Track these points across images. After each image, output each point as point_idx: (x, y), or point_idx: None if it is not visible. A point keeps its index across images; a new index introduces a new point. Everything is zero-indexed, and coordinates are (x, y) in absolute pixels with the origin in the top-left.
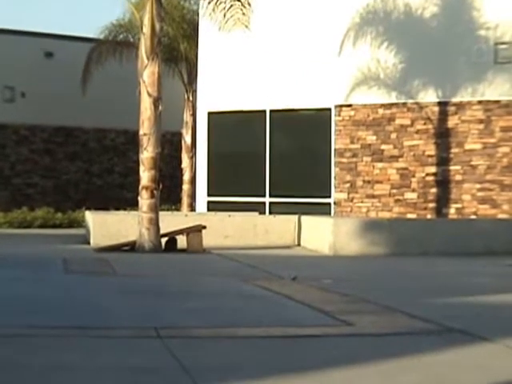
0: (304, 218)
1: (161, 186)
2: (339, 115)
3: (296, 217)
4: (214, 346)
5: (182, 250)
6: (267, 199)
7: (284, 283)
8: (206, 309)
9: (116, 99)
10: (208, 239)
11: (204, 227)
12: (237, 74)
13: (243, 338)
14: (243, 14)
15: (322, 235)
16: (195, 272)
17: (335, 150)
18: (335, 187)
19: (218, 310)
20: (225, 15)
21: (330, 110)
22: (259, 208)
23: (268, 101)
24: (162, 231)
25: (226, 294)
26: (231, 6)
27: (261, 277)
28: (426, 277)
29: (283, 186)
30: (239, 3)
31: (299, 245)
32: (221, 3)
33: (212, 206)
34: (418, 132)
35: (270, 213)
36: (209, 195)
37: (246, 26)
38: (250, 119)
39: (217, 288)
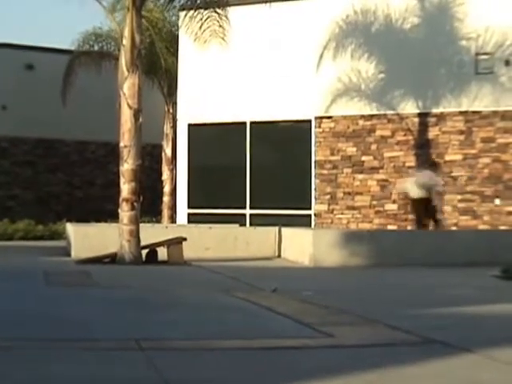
0: (284, 229)
1: (141, 198)
2: (319, 127)
3: (276, 228)
4: (194, 359)
5: (163, 262)
6: (248, 211)
7: (264, 295)
8: (187, 321)
9: (96, 111)
10: (188, 251)
11: (185, 239)
12: (217, 85)
13: (224, 350)
14: (220, 25)
15: (303, 247)
16: (176, 284)
17: (316, 161)
18: (316, 199)
19: (200, 322)
20: (201, 26)
21: (310, 121)
22: (240, 220)
23: (248, 113)
24: (143, 243)
25: (207, 306)
26: (208, 17)
27: (241, 288)
28: (407, 288)
29: (264, 197)
30: (216, 15)
31: (280, 256)
32: (198, 14)
33: (193, 218)
34: (398, 143)
35: (251, 224)
36: (189, 207)
37: (223, 38)
38: (230, 131)
39: (198, 300)
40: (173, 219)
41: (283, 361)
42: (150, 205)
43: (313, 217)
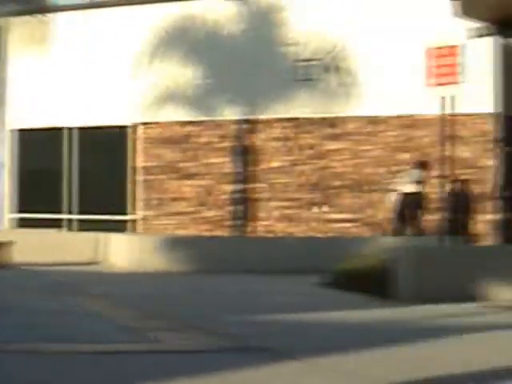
0: (105, 235)
1: None
2: (138, 133)
3: (97, 234)
4: (19, 361)
5: None
6: (72, 216)
7: (88, 299)
8: (11, 324)
9: None
10: (14, 255)
11: (10, 243)
12: (42, 91)
13: (53, 354)
14: (41, 31)
15: (125, 252)
16: (3, 287)
17: (134, 167)
18: (136, 205)
19: (23, 325)
20: (25, 32)
21: (128, 127)
22: (64, 225)
23: (70, 118)
24: None
25: (29, 309)
26: (31, 23)
27: (63, 292)
28: (231, 295)
29: (84, 203)
30: (39, 21)
31: (102, 261)
32: (22, 20)
33: (18, 223)
34: (219, 149)
35: (78, 229)
36: (16, 212)
37: (43, 43)
38: (52, 137)
39: (20, 303)
40: None
41: (113, 365)
42: None
43: (133, 222)
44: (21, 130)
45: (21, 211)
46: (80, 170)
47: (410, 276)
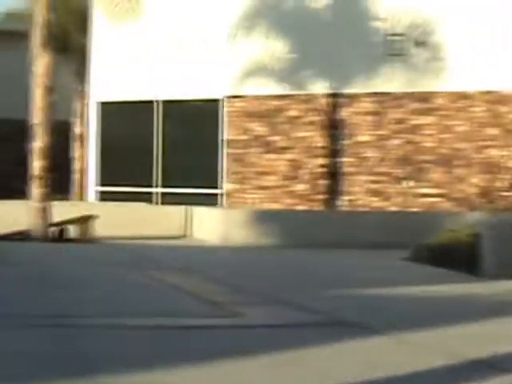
0: (194, 208)
1: (52, 176)
2: (230, 106)
3: (186, 207)
4: (101, 336)
5: (73, 240)
6: (158, 189)
7: (173, 273)
8: (94, 298)
9: (8, 89)
10: (98, 229)
11: (95, 217)
12: (129, 63)
13: (132, 328)
14: (133, 3)
15: (212, 226)
16: (84, 261)
17: (225, 140)
18: (225, 178)
19: (107, 299)
20: (115, 5)
21: (220, 100)
22: (149, 198)
23: (159, 91)
24: (53, 221)
25: (114, 283)
26: None
27: (150, 267)
28: (316, 269)
29: (173, 176)
30: None
31: (190, 235)
32: None
33: (103, 196)
34: (308, 123)
35: (162, 203)
36: (99, 185)
37: (136, 16)
38: (140, 109)
39: (106, 278)
40: (83, 197)
41: (191, 340)
42: (60, 182)
43: (222, 196)
44: (105, 103)
45: (104, 184)
46: (168, 143)
47: (497, 251)
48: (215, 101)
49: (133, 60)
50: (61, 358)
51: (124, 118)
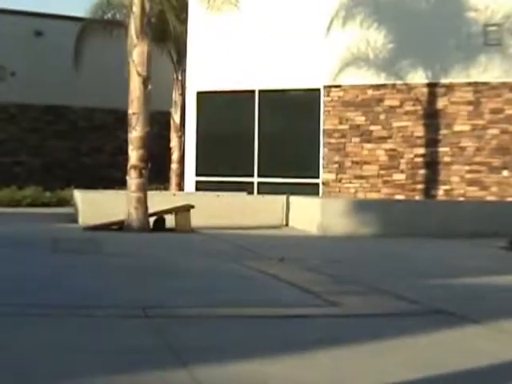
0: (292, 198)
1: (149, 166)
2: (328, 96)
3: (284, 197)
4: (200, 326)
5: (170, 230)
6: (256, 179)
7: (271, 263)
8: (193, 288)
9: (105, 78)
10: (196, 219)
11: (192, 207)
12: (226, 53)
13: (230, 318)
14: None
15: (311, 215)
16: (183, 252)
17: (324, 130)
18: (324, 168)
19: (206, 289)
20: None
21: (319, 90)
22: (248, 188)
23: (257, 81)
24: (151, 210)
25: (213, 273)
26: None
27: (248, 257)
28: (414, 258)
29: (272, 166)
30: None
31: (287, 225)
32: None
33: (200, 186)
34: (406, 113)
35: (259, 193)
36: (197, 175)
37: (235, 5)
38: (238, 99)
39: (204, 268)
40: (181, 187)
41: (289, 329)
42: (157, 172)
43: (321, 186)
44: (203, 93)
45: (201, 174)
46: (267, 133)
47: None
48: (316, 90)
49: (230, 50)
50: (162, 350)
51: (222, 108)
